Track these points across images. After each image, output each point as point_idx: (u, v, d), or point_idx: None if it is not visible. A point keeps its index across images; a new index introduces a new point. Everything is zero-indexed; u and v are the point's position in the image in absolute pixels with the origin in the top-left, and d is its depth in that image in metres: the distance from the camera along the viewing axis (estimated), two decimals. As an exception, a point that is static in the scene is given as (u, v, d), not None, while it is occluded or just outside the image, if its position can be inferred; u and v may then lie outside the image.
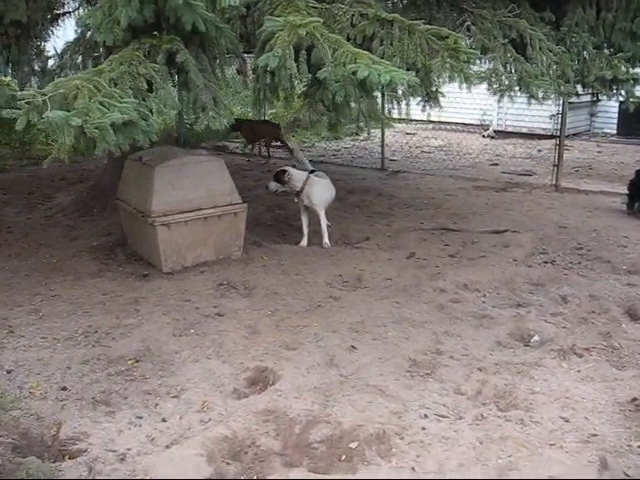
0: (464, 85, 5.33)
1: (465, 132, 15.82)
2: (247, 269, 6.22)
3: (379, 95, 5.69)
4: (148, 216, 5.94)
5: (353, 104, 5.23)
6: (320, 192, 7.01)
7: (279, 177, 6.96)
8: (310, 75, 5.01)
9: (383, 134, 11.91)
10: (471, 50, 5.32)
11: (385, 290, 5.82)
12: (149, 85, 4.76)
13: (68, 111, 3.95)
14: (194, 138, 13.66)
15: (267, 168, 11.24)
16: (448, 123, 16.50)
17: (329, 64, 4.74)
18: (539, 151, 13.58)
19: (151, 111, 4.67)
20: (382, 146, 11.92)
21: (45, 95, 4.03)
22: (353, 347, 4.64)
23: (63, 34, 8.98)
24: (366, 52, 4.89)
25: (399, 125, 15.63)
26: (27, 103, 3.95)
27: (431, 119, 15.36)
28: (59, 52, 8.08)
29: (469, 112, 16.10)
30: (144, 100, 4.52)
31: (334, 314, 5.26)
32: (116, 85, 4.46)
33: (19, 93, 4.07)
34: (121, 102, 4.21)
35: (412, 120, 15.52)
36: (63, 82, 4.27)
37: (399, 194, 9.61)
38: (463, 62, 5.10)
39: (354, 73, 4.57)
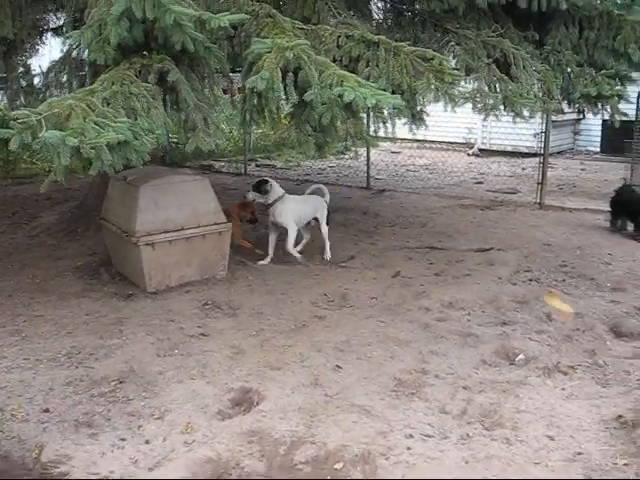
0: (449, 105, 5.35)
1: (450, 150, 15.95)
2: (232, 289, 6.20)
3: (365, 116, 5.71)
4: (132, 236, 5.90)
5: (339, 125, 5.20)
6: (288, 209, 6.91)
7: (260, 186, 6.93)
8: (297, 96, 5.01)
9: (368, 153, 11.96)
10: (456, 72, 5.37)
11: (370, 309, 5.80)
12: (141, 104, 4.72)
13: (63, 131, 3.94)
14: (180, 157, 13.70)
15: None
16: (433, 142, 16.64)
17: (316, 86, 4.76)
18: (523, 169, 13.71)
19: (143, 130, 4.59)
20: (367, 165, 11.96)
21: (40, 115, 4.01)
22: (338, 367, 4.61)
23: (49, 52, 8.97)
24: (352, 75, 4.88)
25: (384, 144, 15.69)
26: (21, 123, 3.91)
27: (416, 138, 15.58)
28: (44, 71, 8.06)
29: (454, 131, 16.24)
30: (136, 119, 4.47)
31: (319, 333, 5.23)
32: (109, 104, 4.47)
33: (13, 113, 4.03)
34: (115, 122, 4.20)
35: (397, 139, 15.61)
36: (56, 102, 4.25)
37: (384, 213, 9.63)
38: (448, 83, 5.13)
39: (340, 96, 4.60)
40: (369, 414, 3.99)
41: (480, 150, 16.05)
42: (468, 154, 15.91)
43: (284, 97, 4.91)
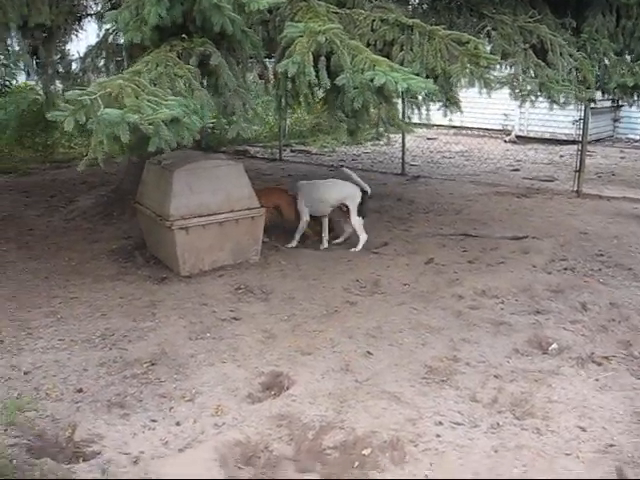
0: (484, 90, 5.33)
1: (487, 137, 15.78)
2: (265, 273, 6.22)
3: (399, 101, 5.68)
4: (166, 220, 5.94)
5: (372, 110, 5.19)
6: (300, 197, 7.02)
7: None
8: (329, 81, 4.96)
9: (404, 139, 11.90)
10: (491, 55, 5.27)
11: (402, 296, 5.77)
12: (185, 86, 4.72)
13: (120, 109, 3.95)
14: (215, 142, 13.76)
15: (287, 172, 11.24)
16: (470, 128, 16.48)
17: (347, 71, 4.73)
18: (561, 157, 13.50)
19: (191, 110, 4.58)
20: (402, 151, 11.89)
21: (93, 94, 4.00)
22: (369, 353, 4.59)
23: (85, 37, 9.06)
24: (385, 59, 4.84)
25: (420, 130, 15.52)
26: (73, 104, 3.91)
27: (453, 124, 15.49)
28: (81, 55, 8.14)
29: (491, 117, 16.04)
30: (185, 98, 4.49)
31: (350, 319, 5.22)
32: (155, 85, 4.46)
33: (67, 94, 4.03)
34: (166, 100, 4.22)
35: (433, 125, 15.55)
36: (107, 82, 4.24)
37: (419, 199, 9.57)
38: (483, 67, 5.07)
39: (372, 80, 4.57)
40: (399, 401, 3.98)
41: (517, 137, 15.86)
42: (505, 141, 15.73)
43: (316, 81, 4.84)
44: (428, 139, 15.21)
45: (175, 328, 4.99)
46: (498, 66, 5.65)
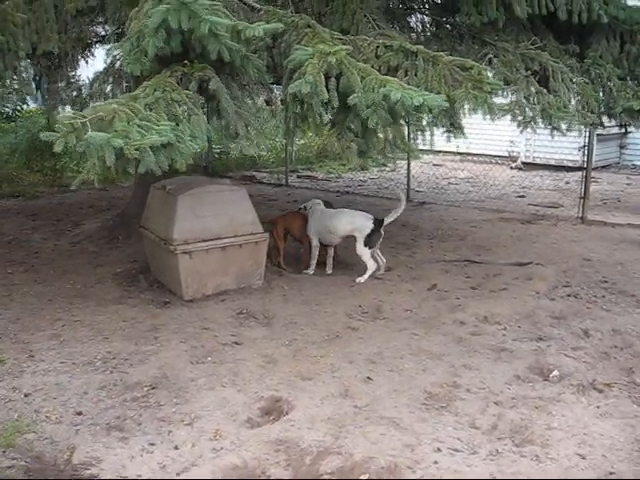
0: (488, 116, 5.35)
1: (492, 164, 15.79)
2: (267, 298, 6.21)
3: (405, 126, 5.71)
4: (170, 244, 5.94)
5: (380, 133, 5.24)
6: (310, 220, 7.05)
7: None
8: (339, 102, 4.97)
9: (409, 165, 11.88)
10: (495, 81, 5.34)
11: (404, 321, 5.75)
12: (182, 111, 4.76)
13: (107, 133, 4.02)
14: (222, 168, 13.85)
15: (293, 198, 11.24)
16: (476, 155, 16.51)
17: (359, 90, 4.76)
18: (567, 183, 13.47)
19: (185, 135, 4.61)
20: (408, 177, 11.88)
21: (84, 117, 4.07)
22: (369, 378, 4.58)
23: (93, 63, 9.17)
24: (394, 79, 4.90)
25: (426, 156, 15.63)
26: (66, 125, 3.98)
27: (459, 150, 15.54)
28: (89, 81, 8.22)
29: (497, 143, 16.06)
30: (178, 125, 4.51)
31: (352, 345, 5.21)
32: (151, 110, 4.49)
33: (59, 116, 4.13)
34: (159, 125, 4.25)
35: (439, 151, 15.58)
36: (101, 106, 4.30)
37: (424, 225, 9.54)
38: (487, 93, 5.09)
39: (386, 97, 4.60)
40: (398, 426, 3.97)
41: (523, 163, 15.85)
42: (511, 167, 15.72)
43: (326, 102, 4.89)
44: (434, 165, 15.20)
45: (176, 352, 4.98)
46: (501, 92, 5.70)
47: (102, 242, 8.06)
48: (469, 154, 16.35)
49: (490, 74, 5.77)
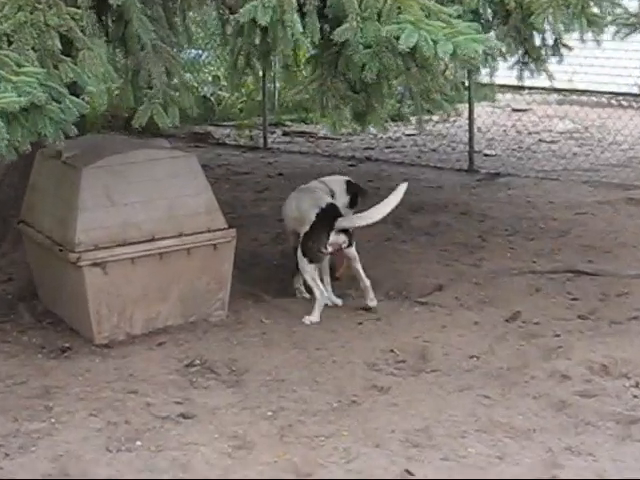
0: (589, 33, 4.40)
1: (613, 107, 12.51)
2: (235, 339, 4.89)
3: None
4: (70, 250, 4.62)
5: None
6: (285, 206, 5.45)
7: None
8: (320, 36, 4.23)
9: (471, 113, 9.17)
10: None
11: (467, 376, 4.43)
12: (65, 44, 3.85)
13: None
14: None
15: (278, 170, 9.09)
16: (585, 92, 12.57)
17: (353, 18, 3.93)
18: None
19: (69, 86, 3.74)
20: (470, 133, 9.03)
21: None
22: (408, 473, 3.55)
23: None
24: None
25: (501, 96, 12.45)
26: None
27: (555, 86, 11.97)
28: None
29: (620, 75, 12.40)
30: (56, 68, 3.65)
31: (378, 416, 4.00)
32: (11, 44, 3.67)
33: None
34: (19, 73, 3.44)
35: (521, 87, 12.05)
36: None
37: (497, 212, 7.57)
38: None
39: (396, 38, 3.81)
40: None
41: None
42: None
43: (304, 34, 4.08)
44: (514, 111, 11.96)
45: (83, 432, 3.84)
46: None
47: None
48: (573, 91, 12.44)
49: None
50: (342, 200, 5.31)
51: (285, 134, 10.50)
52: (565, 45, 5.03)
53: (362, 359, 4.63)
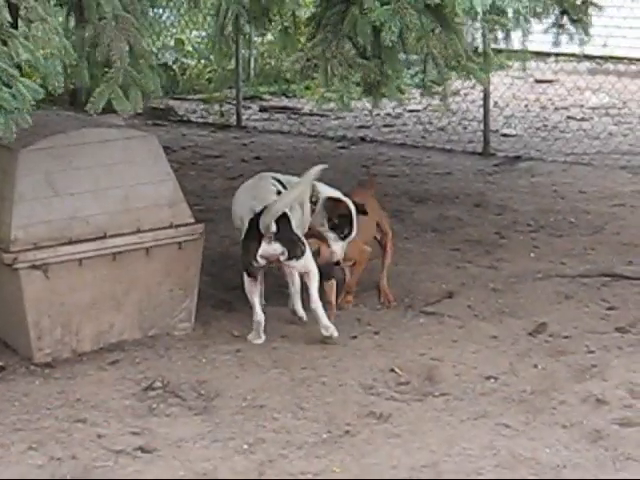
0: None
1: None
2: (203, 357, 4.46)
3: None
4: (4, 249, 4.22)
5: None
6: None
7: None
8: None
9: (486, 85, 8.26)
10: None
11: (483, 401, 3.99)
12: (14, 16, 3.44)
13: None
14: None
15: (254, 153, 8.33)
16: (622, 59, 11.24)
17: None
18: None
19: (19, 67, 3.38)
20: (485, 108, 8.19)
21: None
22: None
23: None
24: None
25: (519, 64, 11.34)
26: None
27: (586, 52, 10.74)
28: None
29: None
30: (5, 45, 3.27)
31: (377, 450, 3.61)
32: None
33: None
34: None
35: (546, 54, 10.60)
36: None
37: (518, 204, 7.01)
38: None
39: None
40: None
41: None
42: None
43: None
44: (537, 82, 10.96)
45: (20, 469, 3.48)
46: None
47: None
48: (608, 58, 11.00)
49: None
50: (306, 212, 4.47)
51: (263, 110, 9.63)
52: (593, 3, 4.55)
53: (357, 381, 4.20)
